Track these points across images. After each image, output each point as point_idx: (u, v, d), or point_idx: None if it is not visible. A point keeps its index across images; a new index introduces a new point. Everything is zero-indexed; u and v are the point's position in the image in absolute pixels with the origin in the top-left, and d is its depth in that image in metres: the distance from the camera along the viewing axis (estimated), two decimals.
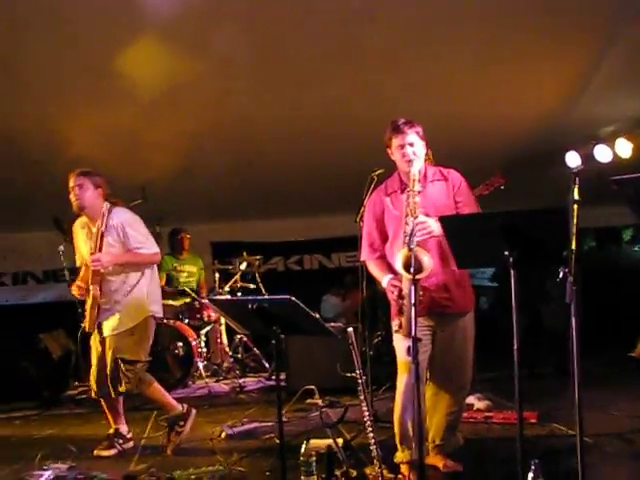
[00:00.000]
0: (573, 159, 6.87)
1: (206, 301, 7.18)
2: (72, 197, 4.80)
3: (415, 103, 5.61)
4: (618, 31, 5.26)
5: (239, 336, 7.61)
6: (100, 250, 4.73)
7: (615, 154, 6.76)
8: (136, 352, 4.82)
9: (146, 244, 4.87)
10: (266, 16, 4.86)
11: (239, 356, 7.63)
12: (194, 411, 4.96)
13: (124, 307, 4.82)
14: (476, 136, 6.52)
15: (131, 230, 4.81)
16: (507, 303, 3.23)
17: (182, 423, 4.87)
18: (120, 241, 4.78)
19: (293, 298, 3.30)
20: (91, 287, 4.77)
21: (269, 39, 5.16)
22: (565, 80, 5.98)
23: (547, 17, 5.04)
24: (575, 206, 2.93)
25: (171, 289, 7.57)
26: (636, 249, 11.15)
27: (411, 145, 3.89)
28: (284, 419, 4.11)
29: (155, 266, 5.05)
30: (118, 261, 4.79)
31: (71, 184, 4.80)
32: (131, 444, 5.01)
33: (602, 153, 6.86)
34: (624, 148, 6.67)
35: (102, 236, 4.76)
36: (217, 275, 7.68)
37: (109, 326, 4.82)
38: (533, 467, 3.20)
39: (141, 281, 4.89)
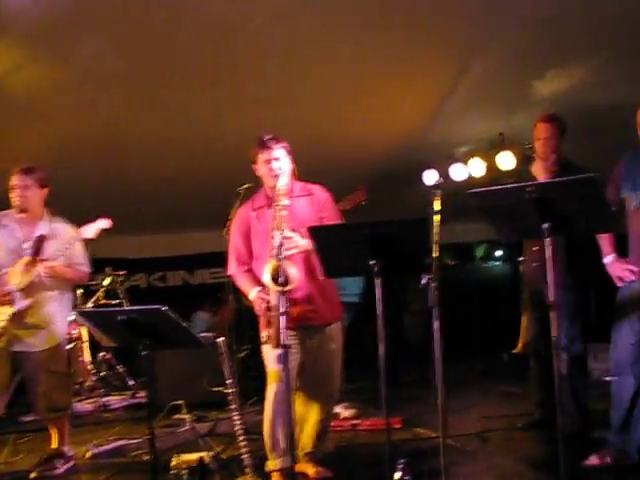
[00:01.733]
0: (430, 177, 7.19)
1: (70, 317, 6.93)
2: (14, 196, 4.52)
3: (283, 119, 5.70)
4: (474, 56, 5.57)
5: (102, 354, 7.42)
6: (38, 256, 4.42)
7: (469, 173, 7.14)
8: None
9: (85, 262, 4.71)
10: (135, 28, 4.81)
11: (103, 374, 7.43)
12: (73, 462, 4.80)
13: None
14: (342, 152, 6.69)
15: (77, 244, 4.60)
16: (368, 318, 3.36)
17: (62, 462, 4.69)
18: (63, 254, 4.51)
19: (164, 308, 3.30)
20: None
21: (138, 51, 5.10)
22: (425, 100, 6.25)
23: (410, 38, 5.24)
24: (436, 217, 3.10)
25: None
26: (487, 265, 11.70)
27: (277, 160, 3.97)
28: None
29: None
30: (63, 274, 4.57)
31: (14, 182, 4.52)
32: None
33: (457, 172, 7.22)
34: (477, 167, 7.06)
35: (41, 241, 4.47)
36: (79, 291, 7.45)
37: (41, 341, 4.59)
38: (399, 466, 3.36)
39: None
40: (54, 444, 4.75)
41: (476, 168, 7.03)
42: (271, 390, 3.97)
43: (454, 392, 6.28)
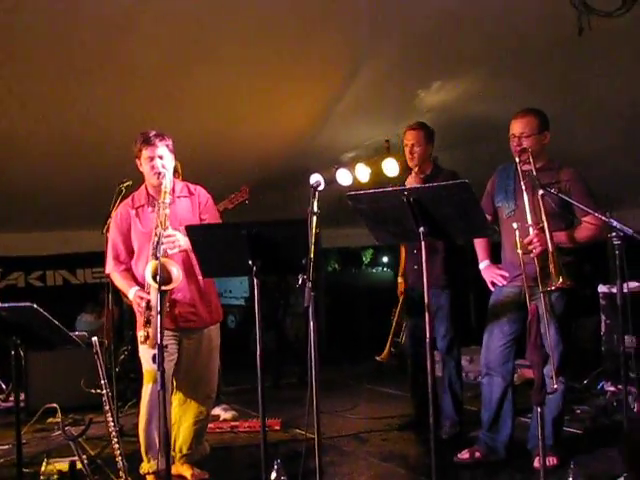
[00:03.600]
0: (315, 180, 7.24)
1: None
2: None
3: (169, 118, 5.61)
4: (362, 63, 5.65)
5: None
6: None
7: (355, 178, 7.25)
8: None
9: None
10: (16, 22, 4.61)
11: None
12: None
13: None
14: (228, 152, 6.62)
15: None
16: (254, 320, 3.36)
17: None
18: None
19: (35, 305, 3.19)
20: None
21: (18, 43, 4.89)
22: (314, 105, 6.26)
23: (300, 42, 5.25)
24: (314, 217, 3.13)
25: None
26: (374, 271, 11.92)
27: (161, 158, 3.93)
28: (23, 440, 3.92)
29: None
30: None
31: None
32: None
33: (343, 177, 7.32)
34: (363, 173, 7.17)
35: None
36: None
37: None
38: (275, 467, 3.37)
39: None
40: None
41: (361, 174, 7.13)
42: (146, 391, 3.92)
43: (338, 394, 6.42)
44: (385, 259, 12.20)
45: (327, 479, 3.94)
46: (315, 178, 3.29)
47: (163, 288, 3.46)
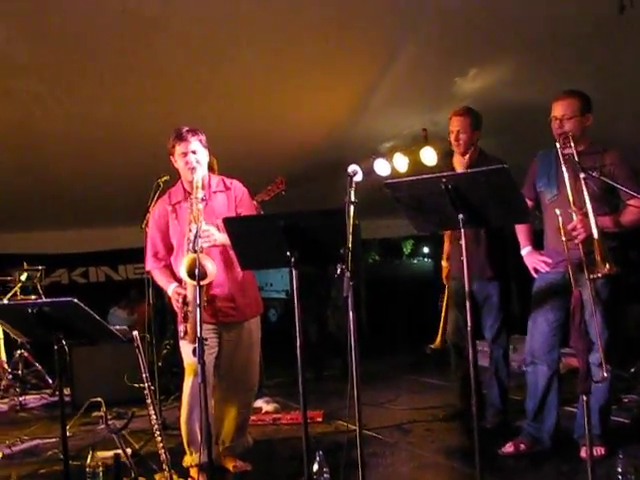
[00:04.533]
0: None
1: None
2: None
3: (203, 112, 5.65)
4: (397, 52, 5.60)
5: (19, 352, 7.20)
6: None
7: (393, 168, 7.20)
8: None
9: None
10: (50, 17, 4.65)
11: (19, 373, 7.20)
12: None
13: None
14: (265, 145, 6.64)
15: None
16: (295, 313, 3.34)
17: None
18: None
19: (75, 300, 3.21)
20: None
21: (51, 42, 4.95)
22: (350, 96, 6.24)
23: (334, 33, 5.24)
24: (352, 206, 3.10)
25: None
26: (415, 262, 11.84)
27: (194, 153, 3.92)
28: (69, 434, 3.97)
29: None
30: None
31: None
32: None
33: (381, 167, 7.28)
34: (401, 163, 7.12)
35: None
36: None
37: None
38: (317, 459, 3.35)
39: None
40: None
41: (399, 163, 7.09)
42: (187, 384, 3.93)
43: (380, 385, 6.39)
44: (425, 249, 12.11)
45: (370, 471, 3.90)
46: (352, 167, 3.25)
47: (198, 283, 3.45)
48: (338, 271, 3.01)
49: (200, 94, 5.71)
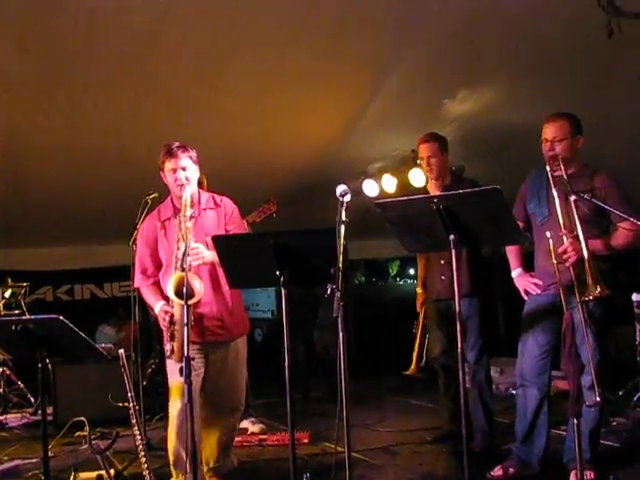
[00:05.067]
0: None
1: None
2: None
3: (196, 130, 5.61)
4: (388, 73, 5.61)
5: (0, 369, 7.10)
6: None
7: (381, 189, 7.19)
8: None
9: None
10: (42, 30, 4.61)
11: (0, 391, 7.09)
12: None
13: None
14: (253, 165, 6.61)
15: None
16: (281, 333, 3.31)
17: None
18: None
19: (61, 317, 3.16)
20: None
21: (44, 53, 4.91)
22: (339, 116, 6.24)
23: (325, 51, 5.23)
24: (342, 226, 3.08)
25: None
26: (401, 282, 11.84)
27: (183, 169, 3.88)
28: (50, 454, 3.90)
29: None
30: None
31: None
32: None
33: (370, 188, 7.27)
34: (389, 183, 7.12)
35: None
36: None
37: None
38: None
39: None
40: None
41: (388, 184, 7.09)
42: (174, 405, 3.85)
43: (366, 407, 6.34)
44: (412, 271, 12.12)
45: None
46: (341, 188, 3.23)
47: (185, 302, 3.41)
48: (328, 291, 2.99)
49: (191, 112, 5.68)
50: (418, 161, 4.96)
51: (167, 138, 4.09)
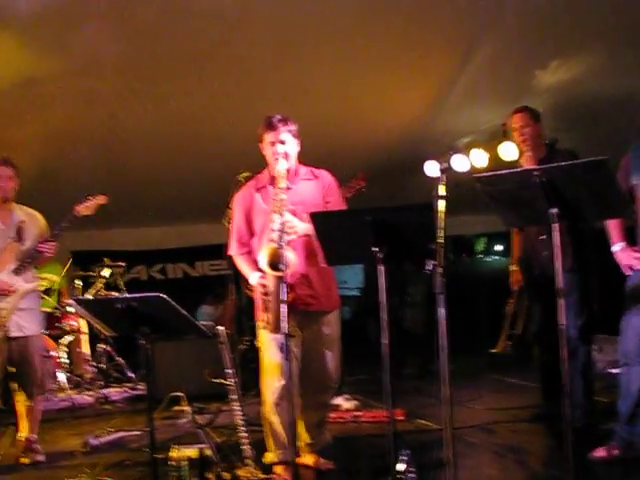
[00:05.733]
0: (431, 168, 7.13)
1: (70, 308, 6.96)
2: None
3: (283, 108, 5.62)
4: (476, 46, 5.50)
5: (102, 346, 7.37)
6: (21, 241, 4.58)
7: (471, 164, 7.07)
8: None
9: None
10: (134, 18, 4.72)
11: (102, 366, 7.37)
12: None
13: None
14: (340, 142, 6.61)
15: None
16: (369, 310, 3.30)
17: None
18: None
19: (164, 295, 3.23)
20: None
21: (137, 42, 5.02)
22: (428, 91, 6.18)
23: (412, 29, 5.18)
24: (442, 201, 3.04)
25: None
26: (488, 259, 11.63)
27: (282, 143, 3.87)
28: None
29: None
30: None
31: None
32: None
33: (459, 163, 7.15)
34: (479, 158, 6.99)
35: (22, 227, 4.63)
36: (79, 283, 7.42)
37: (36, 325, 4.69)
38: (405, 457, 3.29)
39: None
40: (25, 432, 4.70)
41: (478, 159, 6.95)
42: (271, 382, 3.86)
43: (459, 385, 6.25)
44: (498, 247, 11.88)
45: (455, 471, 3.82)
46: (433, 169, 3.19)
47: (278, 274, 3.42)
48: (428, 267, 2.95)
49: (281, 92, 5.71)
50: (509, 134, 4.84)
51: (256, 119, 4.11)
